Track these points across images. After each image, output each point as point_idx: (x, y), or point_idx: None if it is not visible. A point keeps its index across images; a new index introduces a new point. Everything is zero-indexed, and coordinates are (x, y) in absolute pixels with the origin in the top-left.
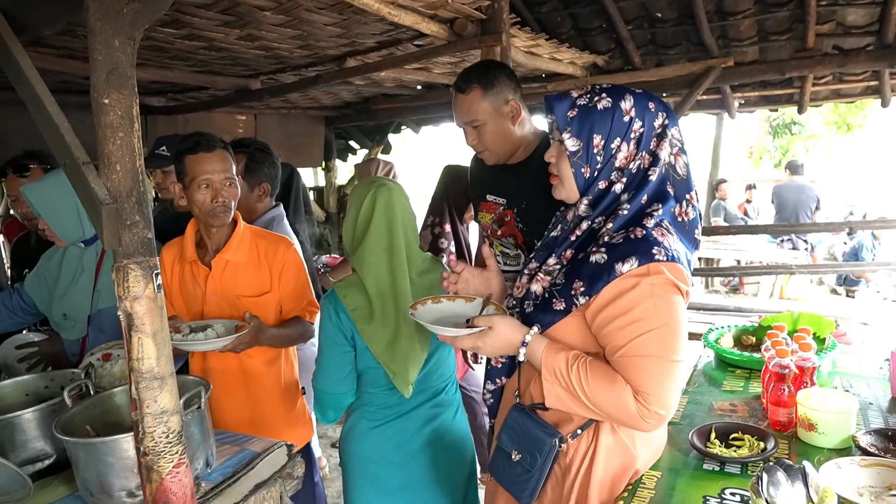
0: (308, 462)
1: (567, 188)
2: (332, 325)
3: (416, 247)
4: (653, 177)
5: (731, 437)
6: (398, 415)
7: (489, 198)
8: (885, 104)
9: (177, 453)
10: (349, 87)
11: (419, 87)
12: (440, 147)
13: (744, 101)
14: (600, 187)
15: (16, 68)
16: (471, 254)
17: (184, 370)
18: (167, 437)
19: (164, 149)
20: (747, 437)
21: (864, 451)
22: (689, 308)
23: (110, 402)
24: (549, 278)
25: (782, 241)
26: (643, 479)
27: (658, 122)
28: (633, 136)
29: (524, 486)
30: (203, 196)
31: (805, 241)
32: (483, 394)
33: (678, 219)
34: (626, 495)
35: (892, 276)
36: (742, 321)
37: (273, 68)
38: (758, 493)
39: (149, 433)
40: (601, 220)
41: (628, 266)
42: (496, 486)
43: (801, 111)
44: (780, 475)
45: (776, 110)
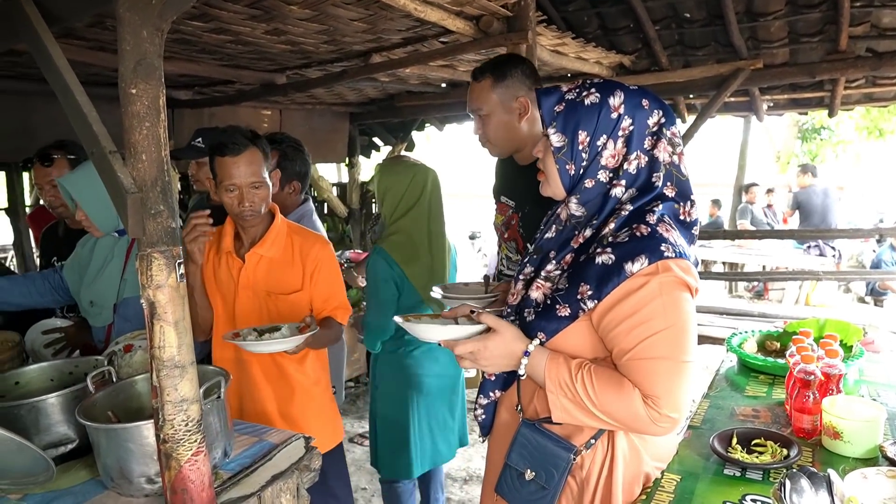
0: (341, 461)
1: (552, 185)
2: (383, 270)
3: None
4: (658, 183)
5: (753, 442)
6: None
7: (503, 199)
8: None
9: (196, 441)
10: (374, 83)
11: (444, 85)
12: (464, 146)
13: (772, 104)
14: (587, 186)
15: (46, 57)
16: None
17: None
18: (186, 425)
19: (199, 140)
20: (770, 443)
21: (892, 462)
22: (712, 312)
23: (132, 390)
24: (549, 284)
25: (809, 247)
26: (662, 482)
27: (652, 121)
28: (620, 133)
29: (539, 503)
30: (230, 199)
31: (833, 248)
32: (475, 409)
33: (681, 217)
34: (644, 498)
35: None
36: (766, 326)
37: (298, 63)
38: (780, 500)
39: (169, 421)
40: (602, 224)
41: (639, 265)
42: (502, 502)
43: (831, 115)
44: (804, 482)
45: (805, 114)
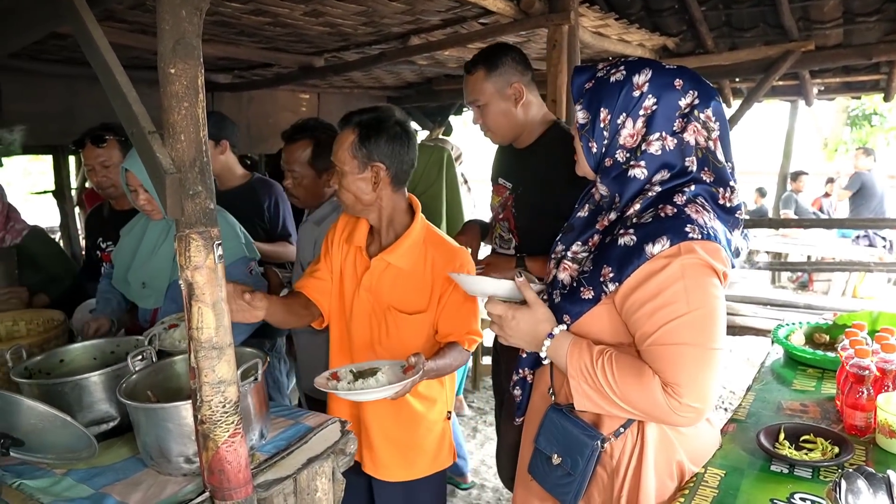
0: (441, 490)
1: (582, 164)
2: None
3: None
4: (692, 168)
5: (802, 438)
6: None
7: (500, 181)
8: None
9: (233, 423)
10: (412, 66)
11: None
12: None
13: (823, 88)
14: (606, 165)
15: (88, 39)
16: None
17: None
18: (224, 406)
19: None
20: (820, 440)
21: None
22: (755, 303)
23: (171, 370)
24: (576, 266)
25: (858, 236)
26: (705, 476)
27: (684, 102)
28: (641, 112)
29: (567, 489)
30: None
31: (883, 238)
32: (512, 387)
33: (720, 201)
34: (688, 492)
35: None
36: (814, 318)
37: (337, 46)
38: (836, 501)
39: (206, 402)
40: (627, 206)
41: (659, 247)
42: (534, 484)
43: (887, 99)
44: (861, 483)
45: (859, 98)
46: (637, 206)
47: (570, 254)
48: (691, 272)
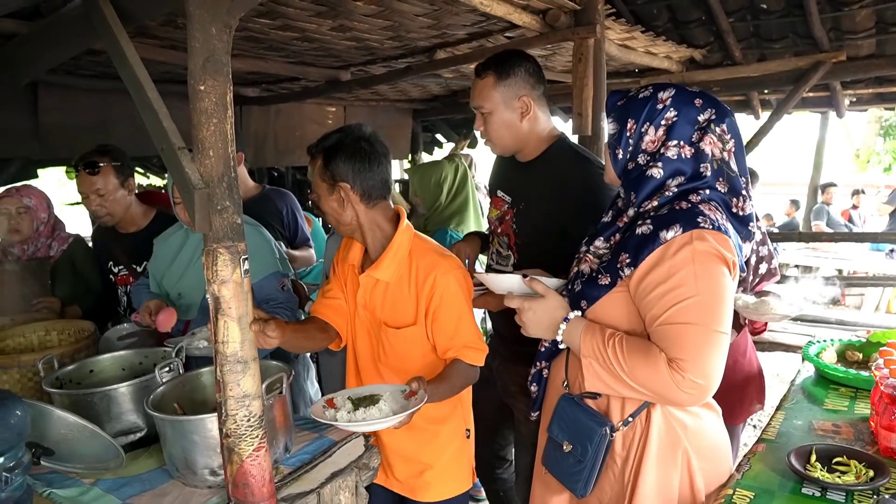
0: None
1: (608, 171)
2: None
3: None
4: (706, 173)
5: (835, 461)
6: None
7: (499, 193)
8: None
9: (257, 437)
10: (437, 79)
11: None
12: None
13: (855, 99)
14: (629, 168)
15: (121, 55)
16: None
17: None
18: (248, 420)
19: None
20: (853, 462)
21: None
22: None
23: (198, 381)
24: (596, 259)
25: (892, 250)
26: (734, 498)
27: (702, 118)
28: (663, 122)
29: (577, 476)
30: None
31: None
32: (529, 383)
33: (733, 210)
34: None
35: None
36: (846, 335)
37: (363, 60)
38: None
39: (231, 416)
40: (645, 203)
41: (672, 233)
42: (549, 478)
43: None
44: None
45: (892, 108)
46: (655, 203)
47: (592, 248)
48: (701, 258)
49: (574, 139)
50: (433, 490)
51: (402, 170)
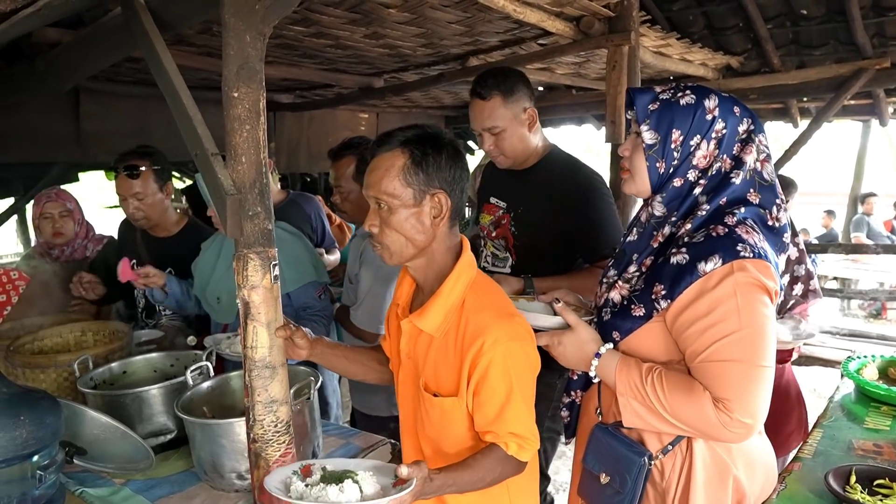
0: None
1: (638, 182)
2: None
3: None
4: (736, 180)
5: (876, 483)
6: None
7: (492, 200)
8: None
9: (284, 442)
10: (470, 86)
11: (540, 88)
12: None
13: None
14: (675, 185)
15: (158, 63)
16: None
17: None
18: (276, 426)
19: None
20: None
21: None
22: (824, 332)
23: (227, 386)
24: (627, 286)
25: None
26: None
27: (743, 128)
28: (714, 135)
29: None
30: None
31: None
32: (560, 409)
33: (769, 223)
34: None
35: None
36: (888, 351)
37: (396, 67)
38: None
39: (259, 421)
40: (680, 222)
41: (711, 265)
42: None
43: None
44: None
45: None
46: (689, 226)
47: (625, 275)
48: (743, 290)
49: (607, 148)
50: None
51: None
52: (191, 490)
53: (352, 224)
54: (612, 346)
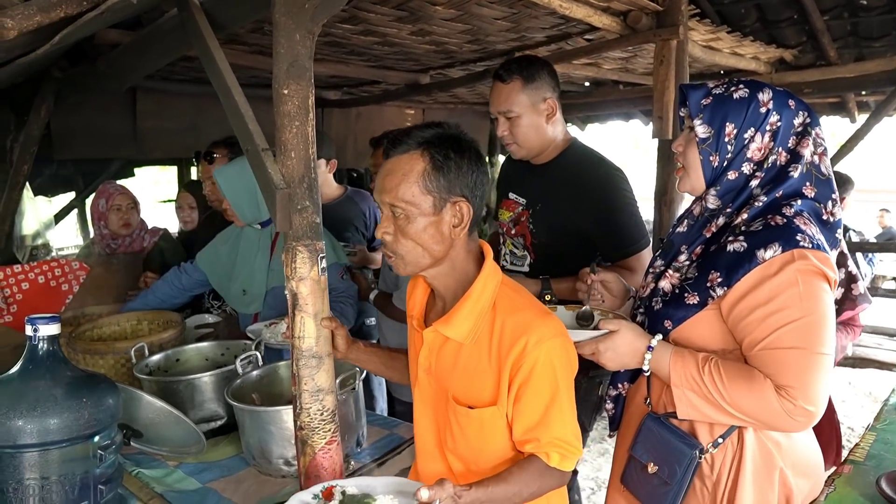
0: None
1: (693, 178)
2: None
3: None
4: (794, 174)
5: None
6: None
7: (511, 195)
8: None
9: (330, 431)
10: None
11: (587, 84)
12: (606, 145)
13: None
14: (729, 178)
15: (211, 62)
16: None
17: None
18: (322, 414)
19: None
20: None
21: None
22: (880, 334)
23: (276, 374)
24: (678, 275)
25: None
26: None
27: (798, 121)
28: (768, 127)
29: (662, 499)
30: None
31: None
32: (605, 402)
33: (823, 217)
34: None
35: None
36: None
37: (442, 63)
38: None
39: (305, 409)
40: (735, 213)
41: (771, 252)
42: (629, 496)
43: None
44: None
45: None
46: (745, 216)
47: (675, 263)
48: (805, 278)
49: (654, 143)
50: None
51: None
52: (239, 474)
53: None
54: (660, 336)
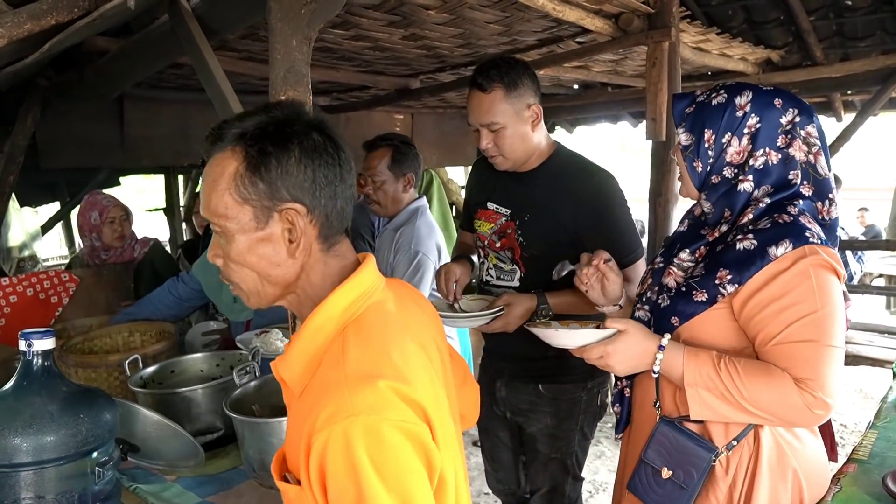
0: None
1: (685, 184)
2: None
3: None
4: (795, 180)
5: None
6: None
7: (490, 205)
8: None
9: None
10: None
11: (575, 87)
12: (594, 148)
13: None
14: (713, 182)
15: (205, 68)
16: None
17: None
18: None
19: None
20: None
21: None
22: (870, 331)
23: (275, 385)
24: (682, 273)
25: None
26: None
27: (785, 119)
28: (746, 130)
29: (676, 503)
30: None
31: None
32: (612, 402)
33: (819, 216)
34: None
35: None
36: None
37: (433, 68)
38: None
39: None
40: (738, 218)
41: (783, 249)
42: (634, 502)
43: None
44: None
45: None
46: (750, 216)
47: (676, 261)
48: (818, 272)
49: (641, 145)
50: None
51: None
52: (239, 487)
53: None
54: (669, 337)
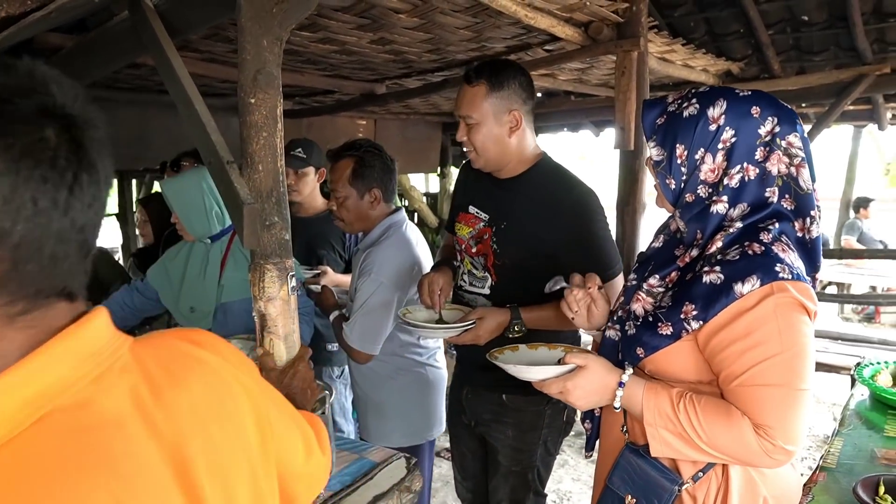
0: None
1: (660, 198)
2: None
3: None
4: (772, 198)
5: None
6: None
7: (471, 209)
8: None
9: None
10: None
11: (539, 94)
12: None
13: None
14: (687, 200)
15: (169, 69)
16: None
17: None
18: None
19: (300, 150)
20: None
21: None
22: (825, 337)
23: None
24: (651, 300)
25: None
26: None
27: (764, 130)
28: (720, 146)
29: None
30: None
31: None
32: (582, 418)
33: (798, 234)
34: None
35: None
36: (892, 356)
37: (399, 73)
38: None
39: None
40: (708, 243)
41: (749, 286)
42: None
43: None
44: None
45: None
46: (719, 244)
47: (646, 286)
48: (784, 311)
49: (616, 154)
50: None
51: (426, 184)
52: None
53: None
54: (631, 371)
